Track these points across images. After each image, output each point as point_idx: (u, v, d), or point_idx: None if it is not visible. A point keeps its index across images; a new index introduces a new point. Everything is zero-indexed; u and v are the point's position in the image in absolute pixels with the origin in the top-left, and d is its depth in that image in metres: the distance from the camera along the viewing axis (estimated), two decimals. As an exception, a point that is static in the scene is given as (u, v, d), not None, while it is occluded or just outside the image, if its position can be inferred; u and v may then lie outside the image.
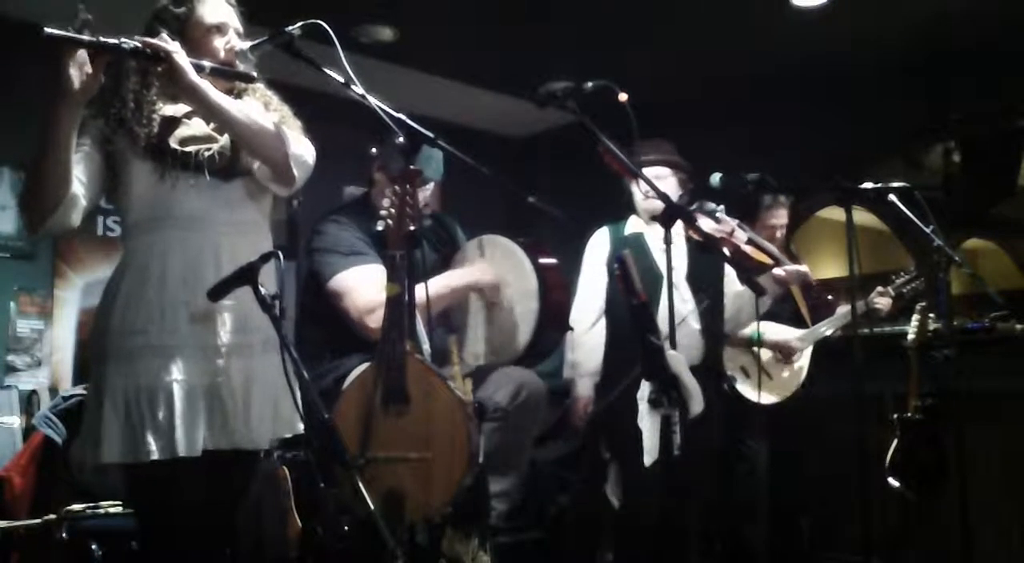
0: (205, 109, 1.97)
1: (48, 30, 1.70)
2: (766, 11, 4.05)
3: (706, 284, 3.16)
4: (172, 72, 1.89)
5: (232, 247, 1.99)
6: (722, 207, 3.13)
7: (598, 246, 3.33)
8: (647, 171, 3.23)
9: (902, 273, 3.87)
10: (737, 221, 3.13)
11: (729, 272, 3.27)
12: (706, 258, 3.16)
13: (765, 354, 3.66)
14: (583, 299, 3.33)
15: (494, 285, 2.83)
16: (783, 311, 3.65)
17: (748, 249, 3.05)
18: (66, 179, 1.88)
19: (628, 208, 3.31)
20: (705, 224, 3.01)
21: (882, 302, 3.75)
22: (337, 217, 2.88)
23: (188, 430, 1.89)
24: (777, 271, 3.17)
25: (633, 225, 3.27)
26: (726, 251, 2.96)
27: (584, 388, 3.31)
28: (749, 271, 2.97)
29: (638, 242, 3.12)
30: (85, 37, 1.74)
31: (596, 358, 3.26)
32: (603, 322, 3.28)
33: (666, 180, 3.24)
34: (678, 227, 2.90)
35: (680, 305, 3.03)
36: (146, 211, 1.99)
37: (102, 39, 1.77)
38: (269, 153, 2.02)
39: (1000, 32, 4.12)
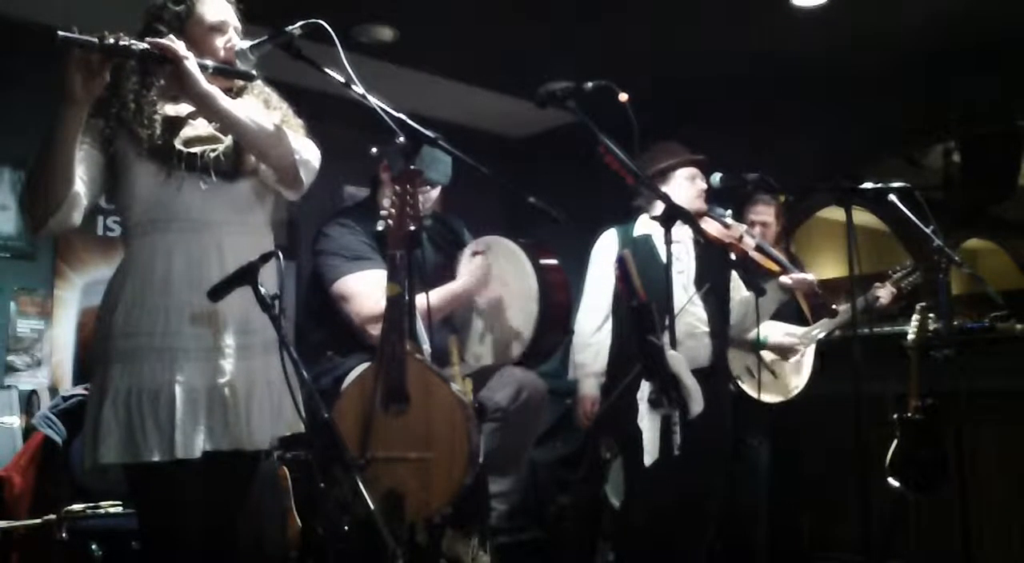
0: (215, 117, 1.98)
1: (62, 34, 1.70)
2: (766, 11, 4.05)
3: (713, 287, 3.16)
4: (182, 79, 1.89)
5: (236, 248, 1.98)
6: (730, 211, 3.13)
7: (606, 247, 3.32)
8: (683, 171, 3.23)
9: (899, 267, 3.87)
10: (745, 227, 3.14)
11: (735, 276, 3.28)
12: (714, 262, 3.16)
13: (769, 354, 3.66)
14: (590, 300, 3.31)
15: (486, 296, 2.83)
16: (786, 310, 3.65)
17: (756, 255, 3.06)
18: (69, 179, 1.87)
19: (637, 209, 3.30)
20: (713, 229, 3.01)
21: (884, 293, 3.75)
22: (343, 219, 2.87)
23: (187, 432, 1.89)
24: (784, 279, 3.18)
25: (642, 226, 3.26)
26: (733, 256, 2.97)
27: (589, 388, 3.31)
28: (754, 275, 2.99)
29: (647, 244, 3.11)
30: (96, 40, 1.74)
31: (602, 359, 3.25)
32: (609, 323, 3.27)
33: (694, 182, 3.22)
34: (687, 230, 2.91)
35: (689, 307, 3.03)
36: (149, 212, 1.98)
37: (113, 42, 1.77)
38: (278, 159, 2.03)
39: (1000, 32, 4.12)
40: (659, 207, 2.50)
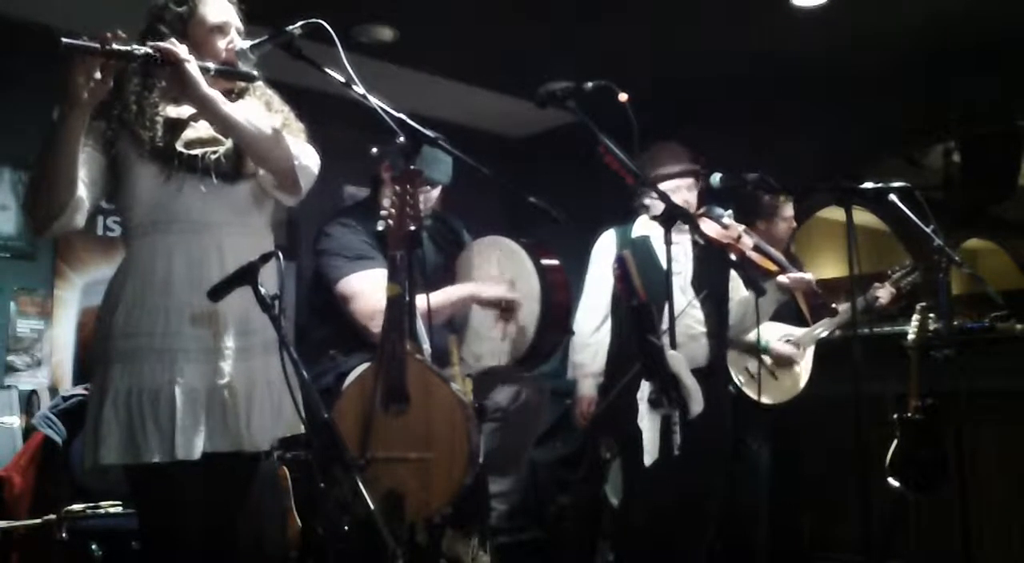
0: (215, 121, 1.98)
1: (66, 40, 1.70)
2: (766, 11, 4.05)
3: (711, 288, 3.16)
4: (183, 82, 1.89)
5: (236, 249, 1.99)
6: (729, 212, 3.13)
7: (605, 248, 3.32)
8: (673, 182, 3.22)
9: (898, 267, 3.87)
10: (743, 227, 3.14)
11: (734, 277, 3.28)
12: (712, 262, 3.16)
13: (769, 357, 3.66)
14: (589, 301, 3.31)
15: (496, 300, 2.82)
16: (786, 310, 3.65)
17: (754, 255, 3.05)
18: (72, 182, 1.88)
19: (637, 210, 3.30)
20: (712, 229, 3.01)
21: (883, 293, 3.75)
22: (344, 219, 2.88)
23: (187, 433, 1.89)
24: (782, 278, 3.17)
25: (641, 227, 3.26)
26: (732, 257, 2.96)
27: (587, 388, 3.31)
28: (753, 275, 2.98)
29: (645, 244, 3.11)
30: (99, 45, 1.74)
31: (600, 359, 3.25)
32: (608, 324, 3.27)
33: (679, 189, 3.21)
34: (684, 230, 2.91)
35: (686, 309, 3.02)
36: (150, 213, 1.99)
37: (117, 47, 1.77)
38: (276, 163, 2.03)
39: (1000, 32, 4.12)
40: (658, 207, 2.51)
